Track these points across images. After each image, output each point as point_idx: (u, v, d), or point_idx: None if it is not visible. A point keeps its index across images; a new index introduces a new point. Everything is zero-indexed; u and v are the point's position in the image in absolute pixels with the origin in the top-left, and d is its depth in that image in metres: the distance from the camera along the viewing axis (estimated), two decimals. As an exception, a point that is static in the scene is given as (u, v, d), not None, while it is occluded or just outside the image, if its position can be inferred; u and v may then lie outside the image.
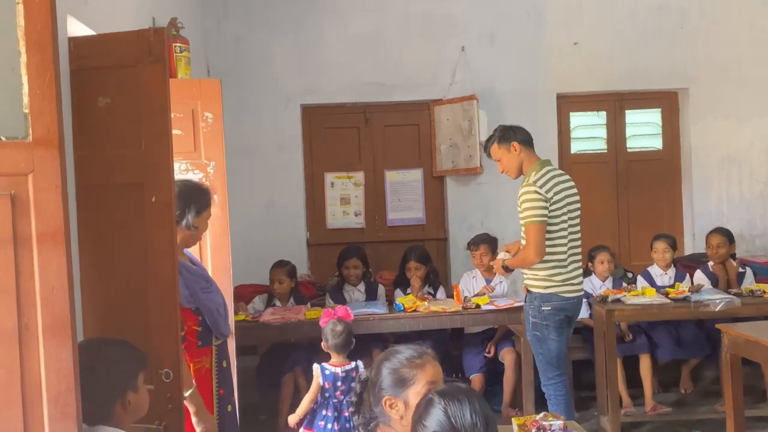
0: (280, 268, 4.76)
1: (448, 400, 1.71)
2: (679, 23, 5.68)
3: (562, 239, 3.72)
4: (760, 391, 4.74)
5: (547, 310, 3.72)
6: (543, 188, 3.67)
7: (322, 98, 5.60)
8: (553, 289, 3.72)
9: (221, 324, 2.87)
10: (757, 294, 4.50)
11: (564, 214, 3.72)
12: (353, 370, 3.58)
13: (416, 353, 2.03)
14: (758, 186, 5.69)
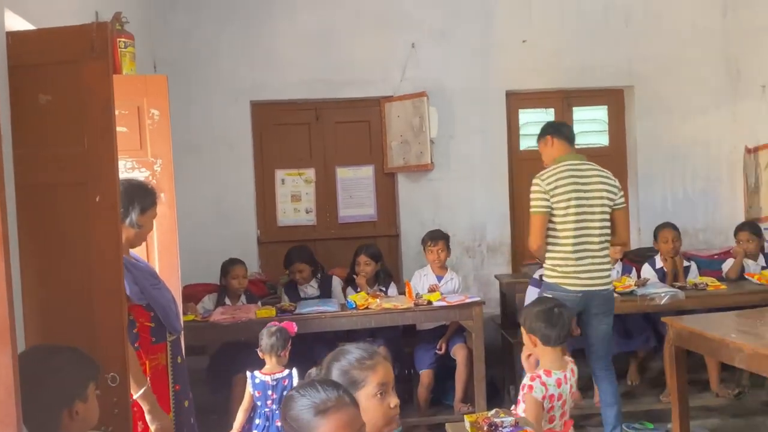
0: (240, 264, 4.69)
1: (304, 388, 1.73)
2: (624, 22, 5.79)
3: (567, 231, 3.79)
4: (704, 381, 4.87)
5: None
6: (545, 181, 3.85)
7: (272, 94, 5.54)
8: (556, 279, 3.84)
9: (173, 319, 2.86)
10: (700, 287, 4.63)
11: (571, 207, 3.78)
12: (285, 379, 3.47)
13: (367, 354, 2.00)
14: (701, 182, 5.84)
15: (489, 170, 5.73)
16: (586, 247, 3.82)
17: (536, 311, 3.00)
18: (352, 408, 1.72)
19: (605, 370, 4.04)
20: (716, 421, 4.52)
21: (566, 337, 2.98)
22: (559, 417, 2.91)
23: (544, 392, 2.83)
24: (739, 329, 3.40)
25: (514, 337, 5.09)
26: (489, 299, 5.40)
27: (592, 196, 3.85)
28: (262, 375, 3.51)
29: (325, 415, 1.67)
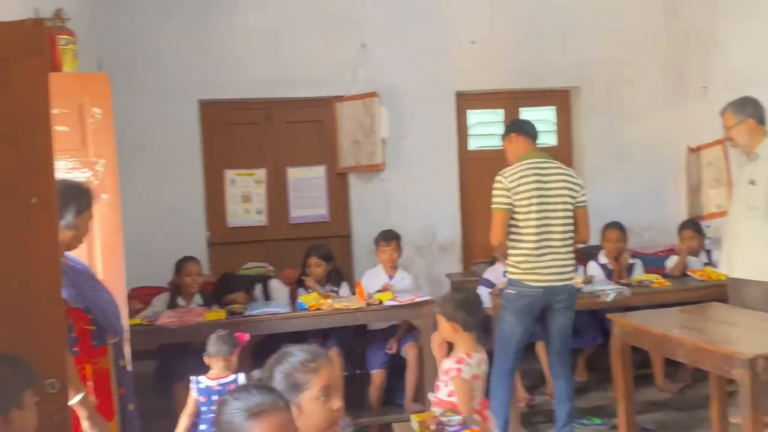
0: (194, 261, 4.62)
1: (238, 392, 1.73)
2: (571, 24, 5.88)
3: (529, 229, 3.87)
4: (649, 376, 4.98)
5: (511, 294, 3.96)
6: (507, 179, 3.92)
7: (221, 93, 5.47)
8: (518, 275, 3.92)
9: (115, 322, 2.80)
10: (645, 284, 4.73)
11: (533, 205, 3.85)
12: (231, 384, 3.40)
13: (310, 356, 1.99)
14: (646, 181, 5.97)
15: (439, 170, 5.77)
16: (548, 244, 3.90)
17: (456, 300, 3.17)
18: (285, 413, 1.70)
19: (562, 365, 4.12)
20: (661, 415, 4.63)
21: (480, 323, 3.21)
22: (478, 396, 3.07)
23: (470, 372, 3.01)
24: (681, 325, 3.48)
25: (465, 336, 5.13)
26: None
27: (555, 194, 3.93)
28: (208, 380, 3.45)
29: (258, 419, 1.65)
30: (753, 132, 4.10)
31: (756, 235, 4.09)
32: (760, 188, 4.06)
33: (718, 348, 3.05)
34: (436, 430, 2.34)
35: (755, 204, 4.08)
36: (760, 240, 4.08)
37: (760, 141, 4.10)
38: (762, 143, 4.10)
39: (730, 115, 4.18)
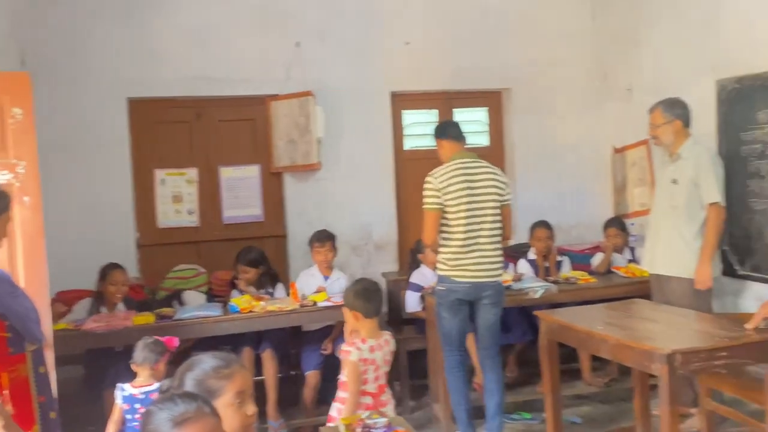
0: (119, 270, 4.52)
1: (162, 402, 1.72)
2: (501, 26, 5.99)
3: (458, 227, 3.98)
4: (577, 370, 5.13)
5: (441, 290, 4.08)
6: (438, 179, 4.02)
7: (151, 91, 5.35)
8: (447, 272, 4.04)
9: (34, 329, 2.72)
10: (572, 281, 4.87)
11: (461, 204, 3.96)
12: (154, 392, 3.35)
13: (223, 362, 1.98)
14: (573, 180, 6.13)
15: (375, 170, 5.80)
16: (476, 241, 4.00)
17: (355, 290, 3.39)
18: (211, 418, 1.70)
19: (491, 358, 4.22)
20: (588, 408, 4.77)
21: (380, 310, 3.43)
22: (373, 380, 3.27)
23: (359, 356, 3.20)
24: (605, 321, 3.59)
25: (399, 334, 5.18)
26: (375, 297, 5.47)
27: (483, 193, 4.03)
28: (131, 388, 3.38)
29: (183, 427, 1.64)
30: (678, 133, 4.28)
31: (677, 233, 4.27)
32: (682, 188, 4.24)
33: (639, 344, 3.17)
34: (363, 432, 2.37)
35: (677, 203, 4.26)
36: (681, 238, 4.26)
37: (683, 142, 4.28)
38: (685, 144, 4.28)
39: (659, 114, 4.34)
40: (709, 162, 4.20)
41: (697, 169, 4.19)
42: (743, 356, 3.16)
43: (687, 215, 4.24)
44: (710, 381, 3.80)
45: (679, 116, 4.30)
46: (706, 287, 4.18)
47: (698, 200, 4.21)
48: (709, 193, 4.16)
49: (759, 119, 4.47)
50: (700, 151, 4.25)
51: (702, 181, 4.18)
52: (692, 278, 4.20)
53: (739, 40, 4.62)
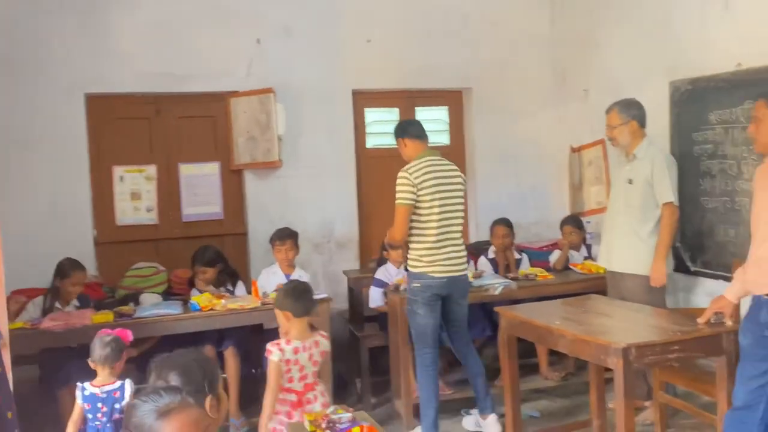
0: (81, 270, 4.45)
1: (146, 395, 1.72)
2: (462, 26, 6.05)
3: (432, 223, 4.08)
4: (535, 365, 5.22)
5: (417, 287, 4.13)
6: (413, 175, 4.07)
7: (109, 87, 5.28)
8: (422, 268, 4.11)
9: None
10: (531, 278, 4.96)
11: (435, 200, 4.07)
12: (116, 391, 3.34)
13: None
14: (532, 179, 6.23)
15: (337, 167, 5.81)
16: (447, 236, 4.12)
17: (285, 290, 3.47)
18: (195, 408, 1.70)
19: (467, 345, 4.37)
20: (545, 402, 4.86)
21: (310, 310, 3.46)
22: (298, 379, 3.35)
23: (281, 356, 3.30)
24: (563, 316, 3.68)
25: (361, 331, 5.22)
26: (337, 295, 5.50)
27: (452, 189, 4.17)
28: (92, 387, 3.35)
29: (168, 417, 1.64)
30: (634, 133, 4.40)
31: (632, 232, 4.39)
32: (637, 188, 4.36)
33: (595, 339, 3.25)
34: (327, 427, 2.38)
35: (632, 202, 4.38)
36: (636, 236, 4.38)
37: (639, 143, 4.41)
38: (640, 145, 4.40)
39: (615, 115, 4.46)
40: (663, 163, 4.33)
41: (652, 170, 4.31)
42: (695, 350, 3.28)
43: (642, 214, 4.36)
44: (663, 374, 3.92)
45: (635, 117, 4.42)
46: (661, 284, 4.31)
47: (653, 200, 4.33)
48: (663, 193, 4.29)
49: (710, 120, 4.62)
50: (654, 152, 4.37)
51: (656, 181, 4.30)
52: (647, 275, 4.32)
53: (692, 44, 4.76)
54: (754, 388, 3.05)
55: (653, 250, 4.32)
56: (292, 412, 3.30)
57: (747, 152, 4.30)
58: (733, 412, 3.15)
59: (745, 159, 4.35)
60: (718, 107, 4.55)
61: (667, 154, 4.55)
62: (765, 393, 3.03)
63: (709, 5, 4.59)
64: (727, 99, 4.48)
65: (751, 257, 3.10)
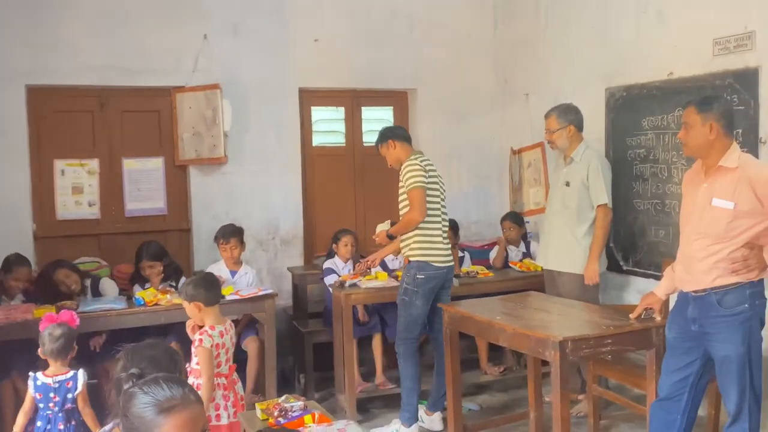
0: (26, 266, 4.40)
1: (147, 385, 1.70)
2: (408, 28, 6.16)
3: (436, 212, 4.32)
4: (474, 360, 5.37)
5: (421, 279, 4.27)
6: (422, 162, 4.32)
7: (51, 79, 5.16)
8: (428, 258, 4.27)
9: None
10: (472, 275, 5.10)
11: (435, 191, 4.33)
12: (69, 381, 3.36)
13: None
14: (474, 179, 6.39)
15: (283, 165, 5.83)
16: (443, 227, 4.38)
17: (194, 282, 3.54)
18: (196, 406, 1.68)
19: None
20: (485, 397, 5.02)
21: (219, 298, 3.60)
22: (225, 362, 3.46)
23: (212, 342, 3.39)
24: (503, 312, 3.82)
25: (305, 327, 5.27)
26: (282, 291, 5.53)
27: (441, 187, 4.43)
28: (44, 377, 3.34)
29: (169, 414, 1.62)
30: (572, 137, 4.60)
31: (569, 232, 4.58)
32: (574, 190, 4.56)
33: (533, 332, 3.39)
34: (279, 415, 2.44)
35: (569, 204, 4.57)
36: (572, 236, 4.57)
37: (577, 146, 4.60)
38: (578, 148, 4.60)
39: (554, 119, 4.64)
40: (598, 166, 4.53)
41: (588, 173, 4.51)
42: (626, 343, 3.46)
43: (578, 215, 4.55)
44: (597, 368, 4.11)
45: (572, 122, 4.61)
46: (594, 282, 4.51)
47: (588, 202, 4.53)
48: (598, 196, 4.50)
49: (643, 126, 4.85)
50: (591, 156, 4.57)
51: (591, 184, 4.50)
52: (581, 273, 4.52)
53: (627, 53, 4.98)
54: (679, 379, 3.24)
55: (588, 249, 4.52)
56: (228, 395, 3.40)
57: (677, 157, 4.54)
58: (658, 403, 3.33)
59: (675, 163, 4.59)
60: (651, 114, 4.78)
61: (603, 157, 4.75)
62: (688, 384, 3.22)
63: (644, 17, 4.82)
64: (658, 106, 4.71)
65: (679, 256, 3.29)
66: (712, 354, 3.13)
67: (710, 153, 3.11)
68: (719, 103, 3.18)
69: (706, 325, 3.11)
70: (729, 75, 4.18)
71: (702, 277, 3.10)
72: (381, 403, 4.93)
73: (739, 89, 4.12)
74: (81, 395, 3.36)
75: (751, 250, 3.02)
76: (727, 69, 4.19)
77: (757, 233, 3.02)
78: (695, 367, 3.20)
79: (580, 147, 4.61)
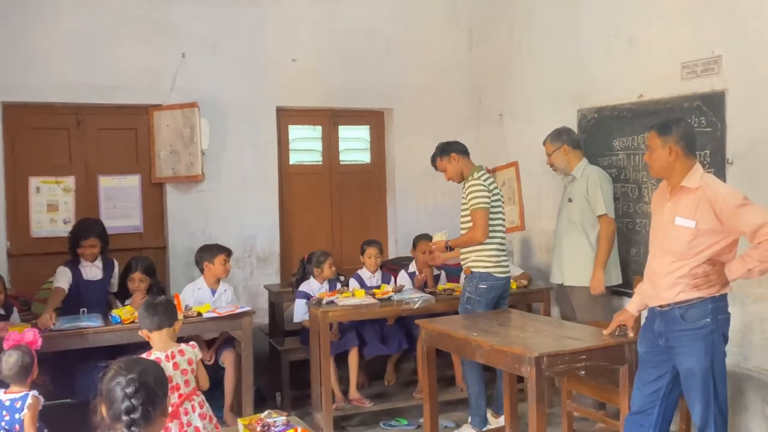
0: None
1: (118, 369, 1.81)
2: (385, 49, 6.26)
3: (500, 227, 4.53)
4: (450, 377, 5.41)
5: (483, 288, 4.44)
6: (486, 182, 4.48)
7: (27, 96, 5.17)
8: (491, 269, 4.45)
9: None
10: (447, 292, 5.15)
11: (497, 206, 4.52)
12: (18, 401, 3.29)
13: None
14: (448, 197, 6.44)
15: (260, 183, 5.86)
16: (503, 241, 4.58)
17: (142, 307, 3.41)
18: None
19: None
20: (461, 414, 5.03)
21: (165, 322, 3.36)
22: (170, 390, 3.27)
23: None
24: (480, 329, 3.86)
25: (282, 345, 5.27)
26: (258, 309, 5.53)
27: (501, 199, 4.62)
28: (2, 394, 3.32)
29: None
30: (568, 156, 4.76)
31: (576, 246, 4.71)
32: (576, 205, 4.71)
33: (510, 349, 3.45)
34: (262, 431, 2.46)
35: (573, 219, 4.73)
36: (579, 249, 4.69)
37: (576, 163, 4.75)
38: (578, 165, 4.78)
39: (549, 144, 4.86)
40: (596, 179, 4.66)
41: (587, 186, 4.65)
42: (600, 359, 3.51)
43: (583, 229, 4.70)
44: (571, 384, 4.17)
45: (564, 141, 4.79)
46: (599, 292, 4.58)
47: (592, 215, 4.67)
48: (597, 207, 4.63)
49: (615, 146, 4.97)
50: (590, 171, 4.73)
51: (591, 196, 4.66)
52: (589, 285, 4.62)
53: (599, 75, 5.11)
54: (650, 393, 3.31)
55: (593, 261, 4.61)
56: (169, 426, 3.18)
57: (647, 177, 4.66)
58: (631, 416, 3.40)
59: (646, 183, 4.71)
60: (622, 134, 4.91)
61: (602, 171, 4.81)
62: (659, 397, 3.30)
63: (615, 41, 4.96)
64: (629, 127, 4.84)
65: (646, 273, 3.39)
66: (678, 367, 3.21)
67: (673, 174, 3.23)
68: (678, 126, 3.30)
69: (670, 339, 3.20)
70: (697, 98, 4.31)
71: (666, 292, 3.20)
72: (358, 420, 4.93)
73: (707, 111, 4.25)
74: (26, 418, 3.26)
75: (712, 266, 3.12)
76: (695, 92, 4.33)
77: (717, 251, 3.13)
78: (665, 381, 3.28)
79: (580, 164, 4.77)
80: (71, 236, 4.69)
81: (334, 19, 6.08)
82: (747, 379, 4.07)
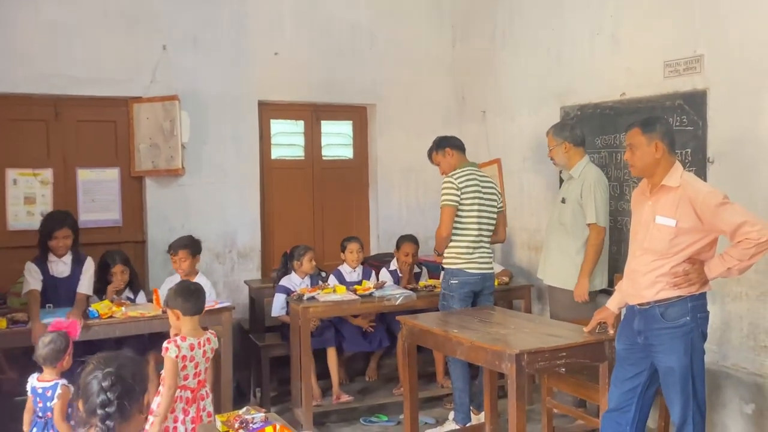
0: None
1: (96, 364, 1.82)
2: (368, 44, 6.23)
3: (471, 225, 4.48)
4: (431, 374, 5.41)
5: (455, 284, 4.49)
6: (458, 180, 4.47)
7: (5, 87, 5.08)
8: (460, 265, 4.48)
9: None
10: (429, 289, 5.14)
11: (474, 204, 4.47)
12: (49, 389, 3.39)
13: None
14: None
15: (241, 177, 5.82)
16: (481, 238, 4.53)
17: (175, 290, 3.54)
18: None
19: None
20: (441, 410, 5.04)
21: (200, 309, 3.52)
22: (193, 376, 3.43)
23: (177, 353, 3.35)
24: (461, 325, 3.85)
25: (262, 341, 5.24)
26: (238, 304, 5.49)
27: (488, 197, 4.56)
28: (35, 381, 3.46)
29: None
30: (569, 153, 4.63)
31: (562, 248, 4.62)
32: (568, 207, 4.60)
33: (490, 346, 3.44)
34: (240, 427, 2.43)
35: (564, 220, 4.63)
36: (565, 252, 4.60)
37: (577, 161, 4.61)
38: (577, 165, 4.60)
39: (551, 137, 4.72)
40: (592, 185, 4.47)
41: (581, 191, 4.53)
42: (580, 356, 3.52)
43: (572, 232, 4.57)
44: (552, 381, 4.18)
45: (566, 138, 4.63)
46: (582, 300, 4.49)
47: (582, 219, 4.52)
48: (588, 215, 4.48)
49: (597, 144, 4.98)
50: (587, 173, 4.54)
51: (584, 202, 4.49)
52: (572, 290, 4.55)
53: (581, 73, 5.12)
54: (627, 390, 3.32)
55: (579, 267, 4.54)
56: (188, 409, 3.37)
57: (629, 175, 4.67)
58: (608, 414, 3.41)
59: (627, 181, 4.73)
60: (604, 132, 4.92)
61: (600, 175, 4.63)
62: (636, 395, 3.31)
63: (598, 39, 4.97)
64: (611, 125, 4.85)
65: (626, 271, 3.39)
66: (657, 365, 3.22)
67: (656, 171, 3.22)
68: (661, 123, 3.30)
69: (650, 337, 3.21)
70: (678, 96, 4.33)
71: (646, 290, 3.21)
72: (337, 416, 4.92)
73: (688, 110, 4.27)
74: (56, 407, 3.35)
75: (692, 265, 3.13)
76: (677, 90, 4.34)
77: (697, 249, 3.14)
78: (642, 378, 3.29)
79: (579, 163, 4.59)
80: (42, 229, 4.55)
81: (317, 13, 6.05)
82: (725, 376, 4.10)
